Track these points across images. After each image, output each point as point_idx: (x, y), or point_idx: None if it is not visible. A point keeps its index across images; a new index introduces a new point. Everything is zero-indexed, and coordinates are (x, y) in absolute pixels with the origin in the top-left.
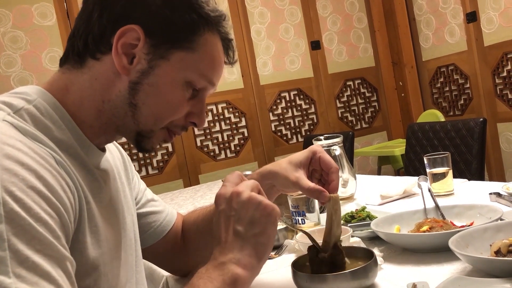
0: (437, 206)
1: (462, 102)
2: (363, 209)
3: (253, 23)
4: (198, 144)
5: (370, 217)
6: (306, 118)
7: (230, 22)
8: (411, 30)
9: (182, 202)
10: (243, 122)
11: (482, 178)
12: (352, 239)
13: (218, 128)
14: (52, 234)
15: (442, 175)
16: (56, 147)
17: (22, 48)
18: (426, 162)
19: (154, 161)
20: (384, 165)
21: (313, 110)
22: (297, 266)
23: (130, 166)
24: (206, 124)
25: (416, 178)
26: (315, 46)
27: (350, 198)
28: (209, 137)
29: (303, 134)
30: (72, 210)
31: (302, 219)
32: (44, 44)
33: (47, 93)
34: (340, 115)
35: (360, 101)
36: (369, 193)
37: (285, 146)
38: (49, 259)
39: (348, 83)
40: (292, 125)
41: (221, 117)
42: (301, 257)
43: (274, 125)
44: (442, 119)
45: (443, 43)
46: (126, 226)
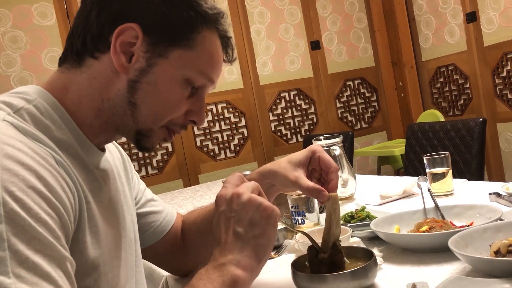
0: (436, 206)
1: (461, 102)
2: (363, 209)
3: (253, 23)
4: (198, 144)
5: (369, 217)
6: (305, 118)
7: (229, 20)
8: (411, 30)
9: (182, 202)
10: (243, 122)
11: (481, 178)
12: (351, 239)
13: (217, 128)
14: (52, 234)
15: (442, 175)
16: (56, 147)
17: (22, 48)
18: (425, 162)
19: (154, 161)
20: (383, 165)
21: (312, 110)
22: (297, 266)
23: (130, 166)
24: (206, 124)
25: (415, 178)
26: (315, 46)
27: (350, 198)
28: (208, 137)
29: (303, 134)
30: (72, 210)
31: (301, 219)
32: (44, 44)
33: (47, 92)
34: (339, 115)
35: (360, 101)
36: (368, 193)
37: (284, 146)
38: (49, 260)
39: (348, 83)
40: (291, 125)
41: (220, 117)
42: (301, 257)
43: (274, 125)
44: (442, 119)
45: (443, 43)
46: (126, 226)
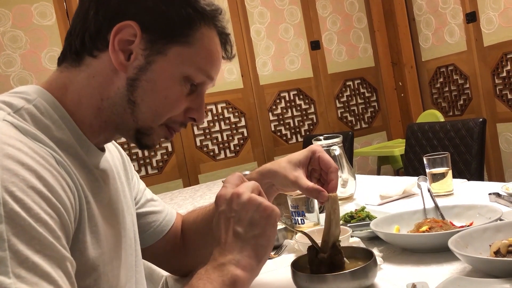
0: (436, 206)
1: (461, 102)
2: (363, 209)
3: (252, 23)
4: (198, 144)
5: (369, 217)
6: (305, 118)
7: (227, 17)
8: (411, 30)
9: (182, 202)
10: (243, 122)
11: (481, 178)
12: (351, 239)
13: (217, 128)
14: (52, 235)
15: (442, 175)
16: (56, 147)
17: (21, 47)
18: (425, 162)
19: (154, 161)
20: (383, 165)
21: (312, 110)
22: (296, 266)
23: (130, 166)
24: (205, 124)
25: (415, 178)
26: (315, 46)
27: (350, 198)
28: (208, 137)
29: (303, 134)
30: (72, 210)
31: (301, 219)
32: (43, 43)
33: (47, 92)
34: (339, 115)
35: (359, 101)
36: (368, 193)
37: (284, 146)
38: (49, 260)
39: (347, 83)
40: (291, 125)
41: (220, 117)
42: (300, 257)
43: (274, 125)
44: (442, 119)
45: (443, 43)
46: (126, 226)
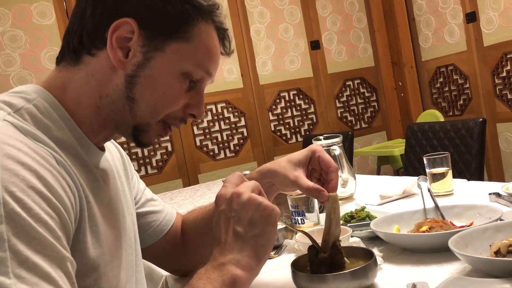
0: (436, 206)
1: (461, 102)
2: (363, 209)
3: (252, 23)
4: (198, 143)
5: (369, 217)
6: (305, 118)
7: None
8: (411, 30)
9: (182, 201)
10: (243, 122)
11: (481, 178)
12: (351, 239)
13: (217, 127)
14: (52, 235)
15: (442, 175)
16: (56, 147)
17: (21, 47)
18: (425, 162)
19: (154, 160)
20: (383, 165)
21: (312, 110)
22: (296, 266)
23: (130, 166)
24: (205, 123)
25: (415, 178)
26: (315, 46)
27: (350, 198)
28: (208, 136)
29: (303, 134)
30: (72, 210)
31: (301, 219)
32: (43, 43)
33: (46, 92)
34: (339, 115)
35: (359, 101)
36: (368, 193)
37: (284, 146)
38: (49, 260)
39: (347, 83)
40: (291, 125)
41: (220, 116)
42: (300, 257)
43: (274, 124)
44: (442, 119)
45: (443, 43)
46: (126, 226)
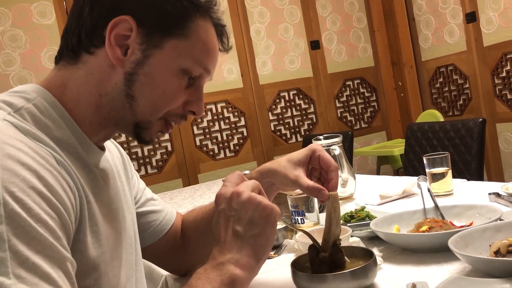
0: (436, 206)
1: (461, 102)
2: (363, 209)
3: (252, 23)
4: (198, 143)
5: (369, 217)
6: (305, 117)
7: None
8: (411, 30)
9: (181, 201)
10: (242, 122)
11: (481, 178)
12: (351, 239)
13: (217, 127)
14: (52, 235)
15: (442, 175)
16: (56, 147)
17: (21, 47)
18: (425, 162)
19: (153, 160)
20: (383, 165)
21: (312, 109)
22: (296, 265)
23: (130, 166)
24: (205, 123)
25: (415, 178)
26: (315, 46)
27: (350, 197)
28: (208, 136)
29: (302, 133)
30: (72, 210)
31: (301, 219)
32: (43, 42)
33: (46, 91)
34: (339, 115)
35: (359, 101)
36: (368, 193)
37: (284, 146)
38: (49, 260)
39: (347, 83)
40: (291, 124)
41: (220, 116)
42: (300, 256)
43: (273, 124)
44: (441, 119)
45: (443, 43)
46: (126, 225)
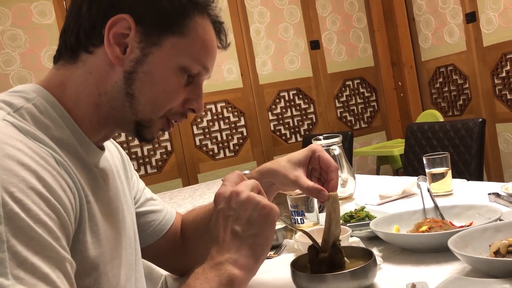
0: (436, 206)
1: (461, 102)
2: (362, 209)
3: (252, 23)
4: (197, 143)
5: (369, 217)
6: (305, 117)
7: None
8: (411, 30)
9: (181, 201)
10: (242, 122)
11: (481, 179)
12: (351, 239)
13: (217, 127)
14: (51, 235)
15: (441, 175)
16: (56, 146)
17: (21, 46)
18: (425, 162)
19: (153, 160)
20: (383, 165)
21: (312, 109)
22: (296, 265)
23: (129, 165)
24: (205, 123)
25: (415, 178)
26: (315, 45)
27: (349, 198)
28: (208, 136)
29: (302, 133)
30: (72, 210)
31: (301, 219)
32: (43, 42)
33: (45, 91)
34: (339, 115)
35: (359, 101)
36: (368, 193)
37: (284, 146)
38: (48, 261)
39: (347, 83)
40: (291, 124)
41: (220, 116)
42: (300, 256)
43: (273, 124)
44: (441, 119)
45: (443, 43)
46: (126, 225)
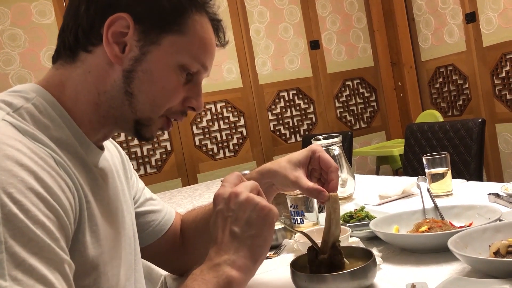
0: (436, 207)
1: (460, 102)
2: (362, 209)
3: (252, 23)
4: (197, 143)
5: (369, 217)
6: (305, 117)
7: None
8: (410, 30)
9: (181, 201)
10: (242, 122)
11: (480, 179)
12: (351, 239)
13: (216, 127)
14: (50, 237)
15: (441, 176)
16: (55, 147)
17: (20, 46)
18: (425, 162)
19: (153, 160)
20: (382, 165)
21: (312, 109)
22: (296, 266)
23: (129, 165)
24: (204, 123)
25: (415, 178)
26: (314, 45)
27: (349, 198)
28: (207, 136)
29: (302, 133)
30: (72, 211)
31: (301, 219)
32: (42, 42)
33: (45, 90)
34: (338, 115)
35: (359, 101)
36: (367, 193)
37: (283, 146)
38: (46, 262)
39: (347, 83)
40: (290, 124)
41: (219, 116)
42: (300, 257)
43: (273, 124)
44: (441, 120)
45: (442, 44)
46: (126, 225)
